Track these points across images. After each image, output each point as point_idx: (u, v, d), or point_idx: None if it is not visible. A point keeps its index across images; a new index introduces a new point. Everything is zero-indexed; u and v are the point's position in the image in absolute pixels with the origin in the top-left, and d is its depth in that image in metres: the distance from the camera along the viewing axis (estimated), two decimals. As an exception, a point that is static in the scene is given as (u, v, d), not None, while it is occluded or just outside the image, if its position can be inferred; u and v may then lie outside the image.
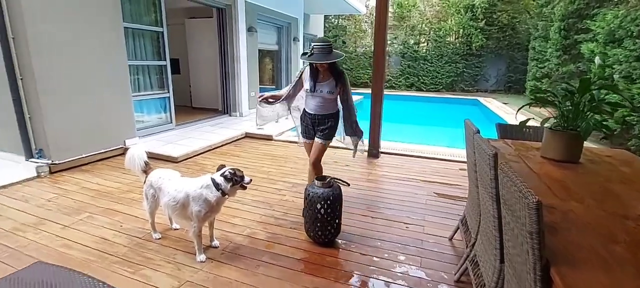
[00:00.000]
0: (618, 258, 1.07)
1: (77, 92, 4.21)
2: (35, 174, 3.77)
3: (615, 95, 2.94)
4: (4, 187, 3.48)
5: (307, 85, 2.80)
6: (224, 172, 2.24)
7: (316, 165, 2.92)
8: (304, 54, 2.72)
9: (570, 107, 2.00)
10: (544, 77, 9.50)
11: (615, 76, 5.43)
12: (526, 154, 2.23)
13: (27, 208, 3.08)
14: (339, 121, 2.95)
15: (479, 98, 13.08)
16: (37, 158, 3.96)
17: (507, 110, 9.29)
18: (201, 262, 2.32)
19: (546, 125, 2.10)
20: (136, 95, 5.26)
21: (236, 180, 2.24)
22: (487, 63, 14.87)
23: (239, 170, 2.31)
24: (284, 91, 3.06)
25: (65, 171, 4.02)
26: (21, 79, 3.81)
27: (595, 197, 1.59)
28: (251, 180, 2.37)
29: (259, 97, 3.03)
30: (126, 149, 4.85)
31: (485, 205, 1.66)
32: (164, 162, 4.45)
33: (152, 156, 4.70)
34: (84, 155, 4.20)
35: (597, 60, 2.00)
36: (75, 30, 4.12)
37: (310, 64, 2.75)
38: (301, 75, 2.90)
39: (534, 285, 1.05)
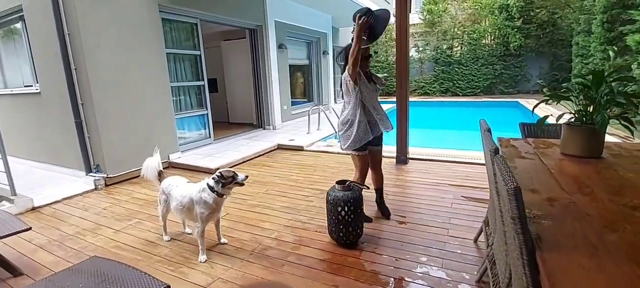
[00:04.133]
0: (609, 246, 1.09)
1: (128, 114, 4.74)
2: (93, 187, 4.29)
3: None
4: (68, 198, 4.01)
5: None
6: (213, 176, 2.49)
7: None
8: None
9: (586, 102, 1.97)
10: (590, 73, 8.90)
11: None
12: (545, 151, 2.21)
13: (86, 215, 3.53)
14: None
15: (519, 100, 12.46)
16: (95, 173, 4.49)
17: (550, 110, 8.79)
18: (202, 262, 2.54)
19: (562, 121, 2.07)
20: (178, 114, 5.76)
21: (224, 181, 2.46)
22: (527, 63, 14.17)
23: (228, 171, 2.53)
24: None
25: (118, 183, 4.53)
26: (82, 103, 4.39)
27: (608, 190, 1.57)
28: (247, 176, 2.58)
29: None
30: (170, 163, 5.33)
31: (493, 200, 1.70)
32: (203, 174, 4.82)
33: (192, 168, 5.12)
34: (133, 169, 4.68)
35: (611, 53, 1.93)
36: (125, 59, 4.67)
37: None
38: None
39: (523, 269, 1.10)
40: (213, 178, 2.49)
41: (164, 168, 3.01)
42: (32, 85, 5.06)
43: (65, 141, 4.76)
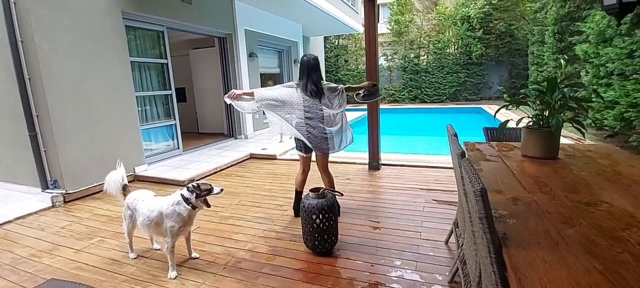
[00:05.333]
0: (568, 240, 1.17)
1: (88, 125, 4.49)
2: (51, 204, 4.00)
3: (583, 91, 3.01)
4: (21, 217, 3.70)
5: None
6: (188, 186, 2.43)
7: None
8: None
9: (542, 106, 2.11)
10: (545, 80, 9.56)
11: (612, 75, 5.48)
12: (507, 154, 2.33)
13: (43, 236, 3.27)
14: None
15: (482, 106, 13.12)
16: (52, 189, 4.19)
17: (510, 115, 9.32)
18: (172, 278, 2.43)
19: (522, 125, 2.20)
20: (144, 125, 5.52)
21: (199, 193, 2.41)
22: (488, 71, 14.99)
23: (205, 183, 2.48)
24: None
25: (78, 200, 4.25)
26: (37, 115, 4.10)
27: (564, 188, 1.68)
28: (222, 189, 2.53)
29: None
30: (136, 176, 5.09)
31: (461, 202, 1.76)
32: (171, 186, 4.63)
33: (160, 181, 4.91)
34: (95, 184, 4.41)
35: (562, 61, 2.11)
36: (85, 67, 4.43)
37: None
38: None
39: (492, 267, 1.15)
40: (188, 189, 2.41)
41: (129, 182, 2.85)
42: (-21, 97, 4.66)
43: (17, 156, 4.42)
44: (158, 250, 2.84)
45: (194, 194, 2.40)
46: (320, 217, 2.60)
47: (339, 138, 3.21)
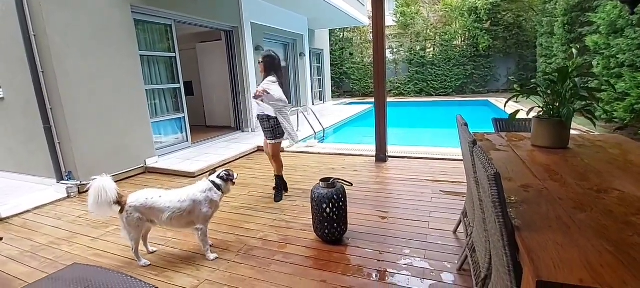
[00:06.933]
0: (579, 224, 1.20)
1: (101, 118, 4.57)
2: (66, 195, 4.10)
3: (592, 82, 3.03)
4: (39, 207, 3.81)
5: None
6: (220, 174, 2.67)
7: (275, 160, 3.77)
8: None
9: (553, 96, 2.12)
10: (556, 71, 9.45)
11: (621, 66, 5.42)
12: (517, 144, 2.35)
13: (60, 224, 3.37)
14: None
15: (489, 98, 13.02)
16: (67, 180, 4.29)
17: (519, 107, 9.25)
18: (212, 259, 2.56)
19: (532, 115, 2.21)
20: (154, 119, 5.59)
21: (230, 178, 2.73)
22: (496, 63, 14.84)
23: (227, 170, 2.74)
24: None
25: (92, 191, 4.34)
26: (51, 108, 4.19)
27: (575, 176, 1.70)
28: (238, 175, 2.85)
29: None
30: (147, 168, 5.17)
31: (472, 190, 1.79)
32: (182, 178, 4.72)
33: (171, 173, 5.00)
34: (109, 175, 4.49)
35: (574, 51, 2.11)
36: (96, 61, 4.51)
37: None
38: None
39: (504, 249, 1.18)
40: (220, 177, 2.65)
41: (140, 174, 2.93)
42: (-7, 90, 4.77)
43: (33, 148, 4.53)
44: (154, 252, 2.74)
45: (228, 182, 2.68)
46: (331, 206, 2.64)
47: None
